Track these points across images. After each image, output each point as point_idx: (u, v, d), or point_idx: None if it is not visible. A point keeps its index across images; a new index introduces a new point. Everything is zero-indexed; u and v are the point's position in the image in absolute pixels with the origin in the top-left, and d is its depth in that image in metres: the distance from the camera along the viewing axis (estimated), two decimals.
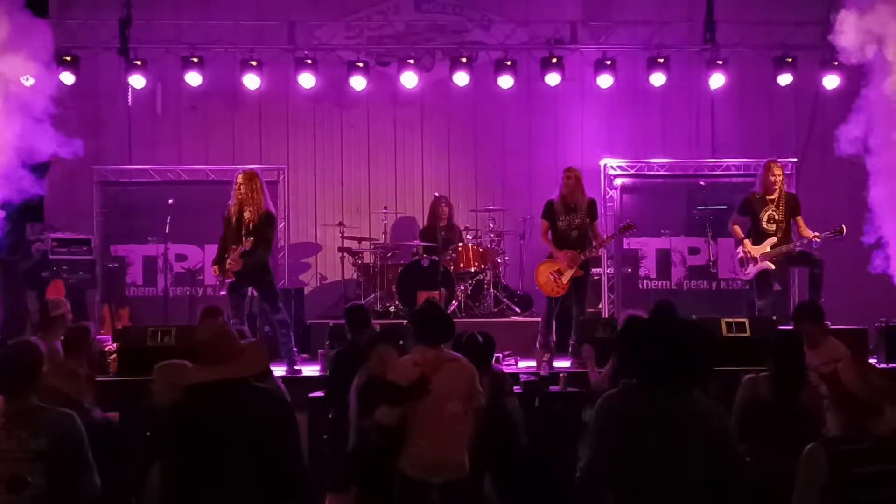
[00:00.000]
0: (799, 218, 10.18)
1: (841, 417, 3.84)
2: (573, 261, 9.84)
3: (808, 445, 3.84)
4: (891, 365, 9.40)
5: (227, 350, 4.26)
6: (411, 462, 5.72)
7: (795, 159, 12.66)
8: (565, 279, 9.91)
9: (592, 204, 10.08)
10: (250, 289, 9.84)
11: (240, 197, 9.49)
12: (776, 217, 10.08)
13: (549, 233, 10.02)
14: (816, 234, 9.98)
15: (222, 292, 9.73)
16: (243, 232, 9.41)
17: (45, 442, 4.49)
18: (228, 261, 9.41)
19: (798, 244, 10.08)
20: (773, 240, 10.07)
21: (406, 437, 5.72)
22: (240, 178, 9.58)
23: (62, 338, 7.42)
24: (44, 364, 4.76)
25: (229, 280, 9.47)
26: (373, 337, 6.69)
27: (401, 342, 6.41)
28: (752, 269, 10.12)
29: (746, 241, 10.16)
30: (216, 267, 9.64)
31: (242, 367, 4.25)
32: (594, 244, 10.13)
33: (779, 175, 10.17)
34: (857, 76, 11.12)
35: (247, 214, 9.44)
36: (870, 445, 3.75)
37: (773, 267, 10.09)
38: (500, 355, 7.65)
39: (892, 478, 3.73)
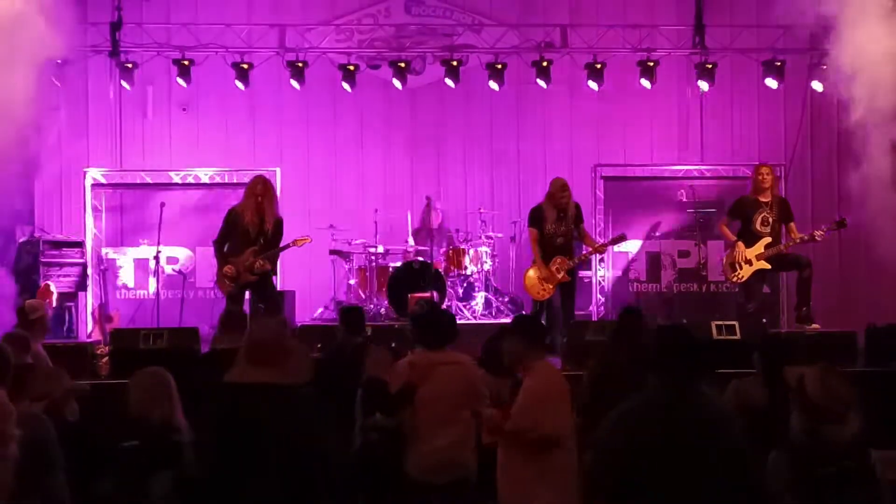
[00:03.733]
0: (792, 224, 10.22)
1: (803, 423, 3.89)
2: (560, 268, 9.93)
3: (772, 452, 3.93)
4: (877, 368, 9.43)
5: (278, 353, 4.19)
6: (414, 464, 5.77)
7: (784, 163, 12.71)
8: (552, 284, 9.99)
9: (578, 209, 10.19)
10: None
11: (264, 205, 9.49)
12: (770, 219, 10.12)
13: (539, 241, 10.10)
14: (820, 230, 10.00)
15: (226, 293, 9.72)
16: (262, 240, 9.49)
17: None
18: (259, 262, 9.42)
19: (798, 240, 10.08)
20: (768, 240, 10.10)
21: (408, 439, 5.75)
22: (259, 188, 9.55)
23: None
24: (10, 365, 4.72)
25: (253, 280, 9.50)
26: (363, 341, 6.72)
27: (392, 345, 6.43)
28: (746, 272, 10.13)
29: (740, 244, 10.15)
30: (229, 268, 9.53)
31: (289, 373, 4.18)
32: (584, 251, 10.29)
33: (766, 174, 10.21)
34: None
35: (266, 221, 9.50)
36: (831, 450, 3.84)
37: (769, 266, 10.12)
38: None
39: (851, 477, 3.84)
